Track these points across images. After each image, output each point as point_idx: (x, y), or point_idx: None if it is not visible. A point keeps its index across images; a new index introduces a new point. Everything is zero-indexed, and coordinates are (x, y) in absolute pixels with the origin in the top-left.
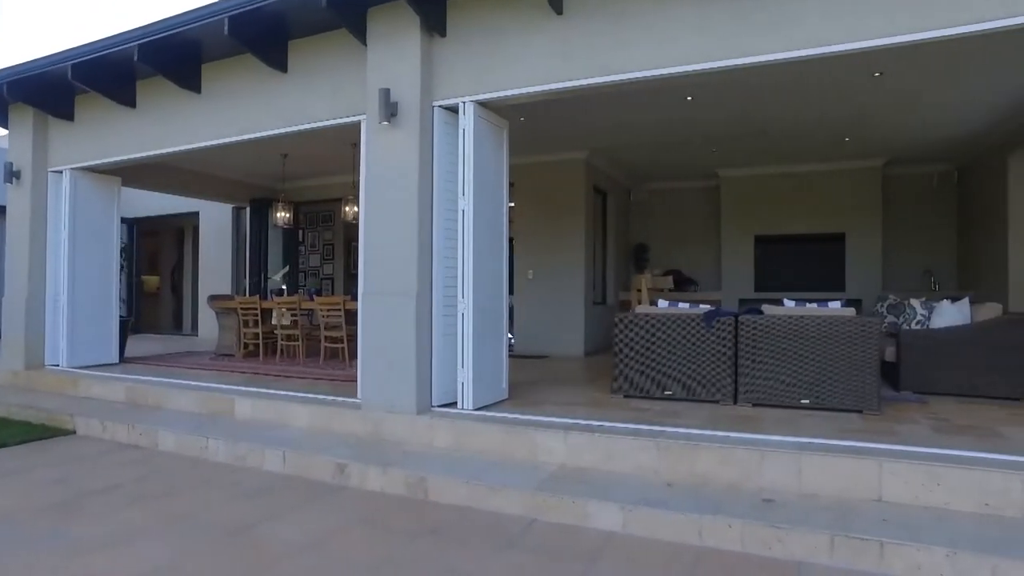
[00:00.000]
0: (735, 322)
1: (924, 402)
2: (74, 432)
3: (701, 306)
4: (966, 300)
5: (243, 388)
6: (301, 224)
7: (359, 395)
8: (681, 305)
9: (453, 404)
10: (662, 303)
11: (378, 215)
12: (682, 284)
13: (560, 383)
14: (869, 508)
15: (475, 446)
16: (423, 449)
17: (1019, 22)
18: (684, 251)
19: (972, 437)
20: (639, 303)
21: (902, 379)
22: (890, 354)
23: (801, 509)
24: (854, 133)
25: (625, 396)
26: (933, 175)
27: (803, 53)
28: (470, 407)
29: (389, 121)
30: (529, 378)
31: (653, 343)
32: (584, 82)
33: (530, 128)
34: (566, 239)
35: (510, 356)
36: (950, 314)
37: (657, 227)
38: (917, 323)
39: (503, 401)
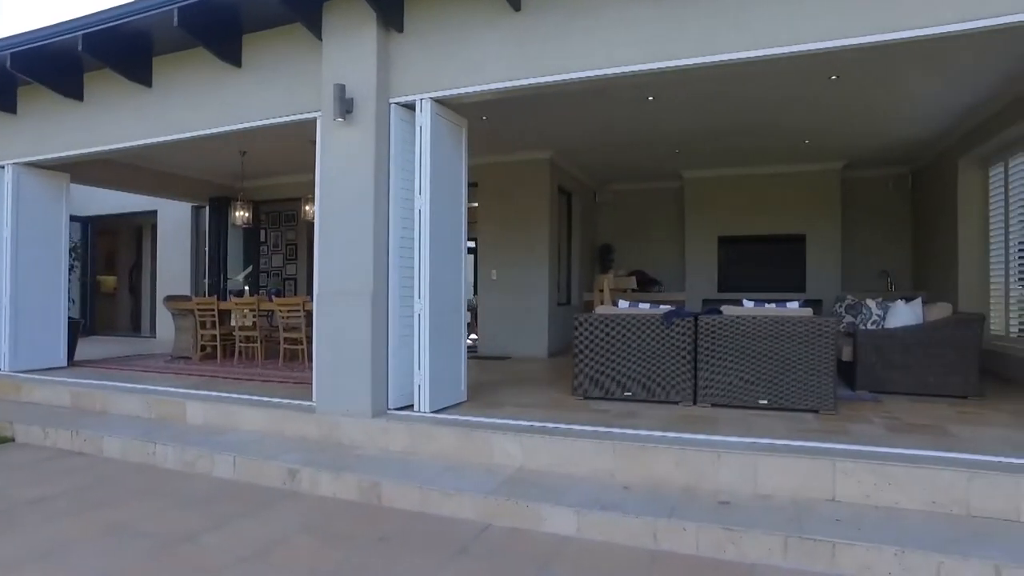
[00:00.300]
0: (694, 323)
1: (879, 401)
2: (13, 440)
3: (661, 307)
4: (919, 300)
5: (195, 392)
6: (263, 223)
7: (314, 398)
8: (642, 306)
9: (410, 407)
10: (623, 303)
11: (333, 213)
12: (646, 284)
13: (522, 384)
14: (823, 508)
15: (431, 449)
16: (378, 453)
17: (968, 27)
18: (649, 252)
19: (923, 436)
20: (601, 303)
21: (858, 378)
22: (847, 354)
23: (756, 510)
24: (813, 136)
25: (585, 397)
26: (889, 178)
27: (760, 53)
28: (427, 410)
29: (344, 118)
30: (491, 379)
31: (613, 344)
32: (543, 80)
33: (493, 127)
34: (530, 240)
35: (473, 357)
36: (904, 314)
37: (622, 228)
38: (873, 323)
39: (462, 403)
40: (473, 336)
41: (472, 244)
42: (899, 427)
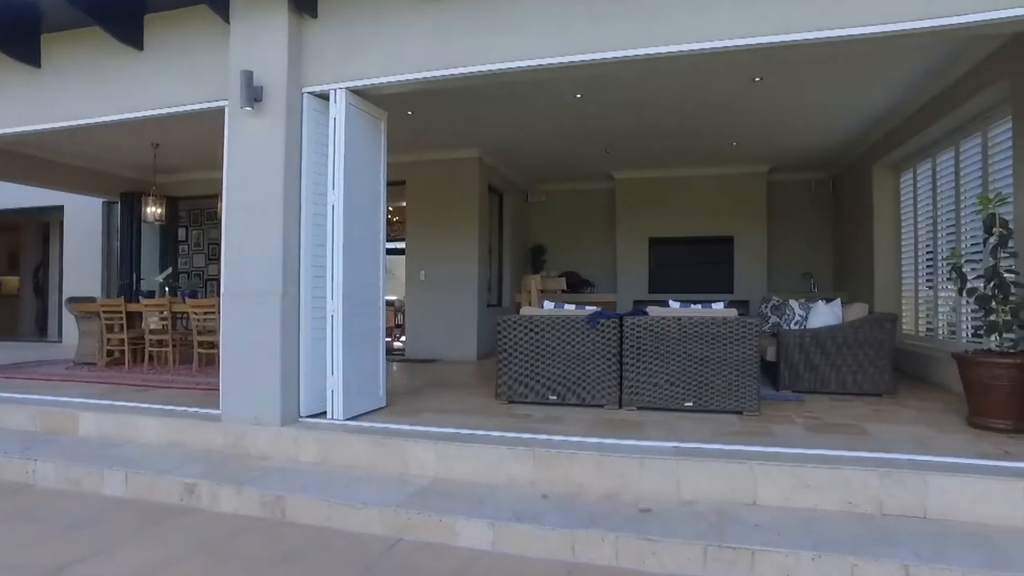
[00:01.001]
0: (619, 324)
1: (801, 401)
2: None
3: (587, 308)
4: (838, 300)
5: (91, 401)
6: (183, 221)
7: (220, 406)
8: (567, 307)
9: (323, 414)
10: (548, 304)
11: (241, 208)
12: (578, 285)
13: (446, 388)
14: (744, 513)
15: (343, 459)
16: (287, 464)
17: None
18: (581, 253)
19: (841, 436)
20: (529, 304)
21: (781, 378)
22: (771, 354)
23: (678, 518)
24: (740, 138)
25: (509, 401)
26: (811, 182)
27: (677, 49)
28: (340, 417)
29: (252, 107)
30: (414, 384)
31: (538, 346)
32: (464, 71)
33: (420, 123)
34: (460, 239)
35: (401, 360)
36: (824, 314)
37: (555, 228)
38: (796, 323)
39: (380, 409)
40: (402, 339)
41: (401, 244)
42: (819, 427)
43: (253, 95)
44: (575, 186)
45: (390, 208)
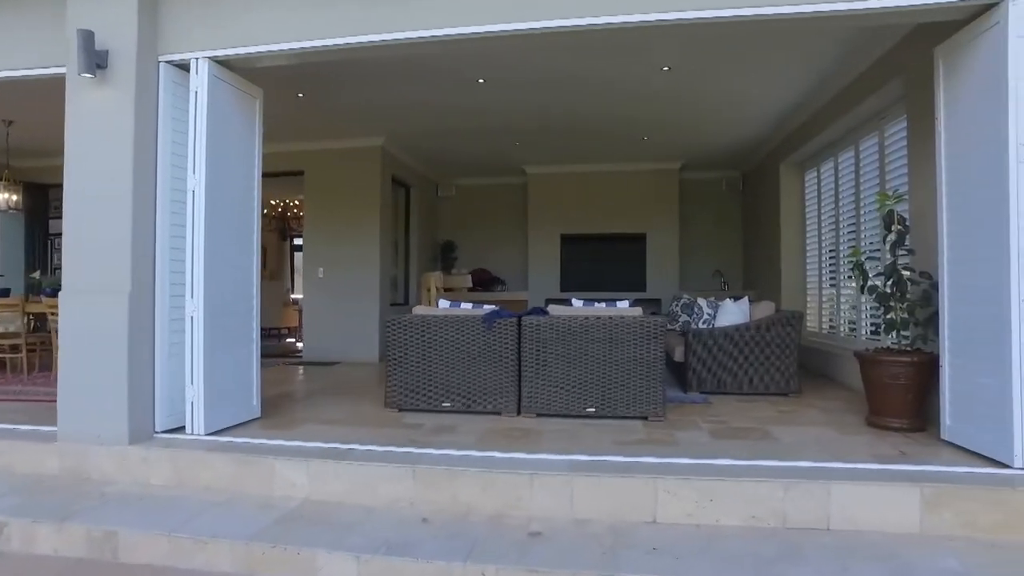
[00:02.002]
0: (517, 324)
1: (708, 403)
2: None
3: (485, 307)
4: (746, 299)
5: None
6: (54, 212)
7: (58, 422)
8: (464, 305)
9: (183, 428)
10: (443, 303)
11: (82, 192)
12: (489, 284)
13: (336, 395)
14: (642, 534)
15: (201, 481)
16: (134, 490)
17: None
18: (493, 250)
19: (746, 441)
20: (429, 303)
21: (689, 380)
22: (679, 354)
23: (570, 541)
24: (652, 133)
25: (400, 410)
26: (723, 180)
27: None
28: (202, 431)
29: (94, 74)
30: (302, 390)
31: (431, 349)
32: (344, 41)
33: (316, 108)
34: (360, 234)
35: (297, 363)
36: (732, 313)
37: (466, 224)
38: (704, 322)
39: (253, 421)
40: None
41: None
42: (724, 432)
43: (95, 60)
44: (487, 181)
45: (295, 201)
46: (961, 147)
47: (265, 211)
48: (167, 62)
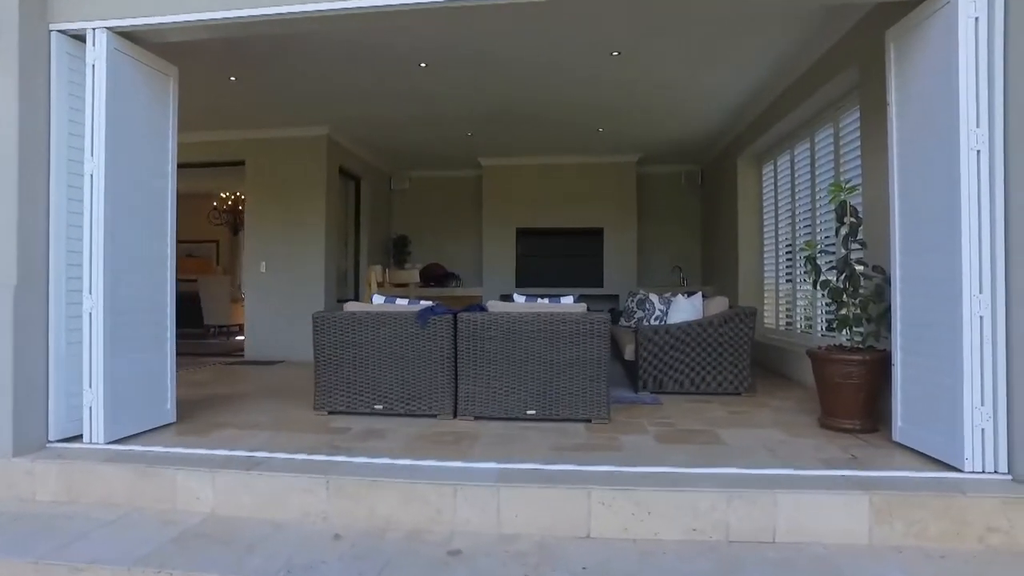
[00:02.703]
0: (453, 321)
1: (658, 403)
2: None
3: (422, 303)
4: (699, 294)
5: None
6: None
7: None
8: (399, 301)
9: (82, 437)
10: (377, 299)
11: None
12: (444, 279)
13: (267, 397)
14: (573, 551)
15: (96, 496)
16: (15, 508)
17: None
18: (448, 244)
19: (693, 445)
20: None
21: (639, 379)
22: (630, 352)
23: (491, 561)
24: (607, 124)
25: (330, 412)
26: (681, 174)
27: None
28: (101, 440)
29: None
30: (234, 392)
31: (363, 347)
32: (262, 12)
33: (254, 94)
34: (305, 228)
35: (239, 363)
36: (684, 309)
37: (421, 218)
38: (656, 319)
39: (166, 427)
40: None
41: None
42: (671, 436)
43: None
44: (442, 173)
45: (235, 194)
46: (913, 134)
47: (215, 204)
48: (60, 31)
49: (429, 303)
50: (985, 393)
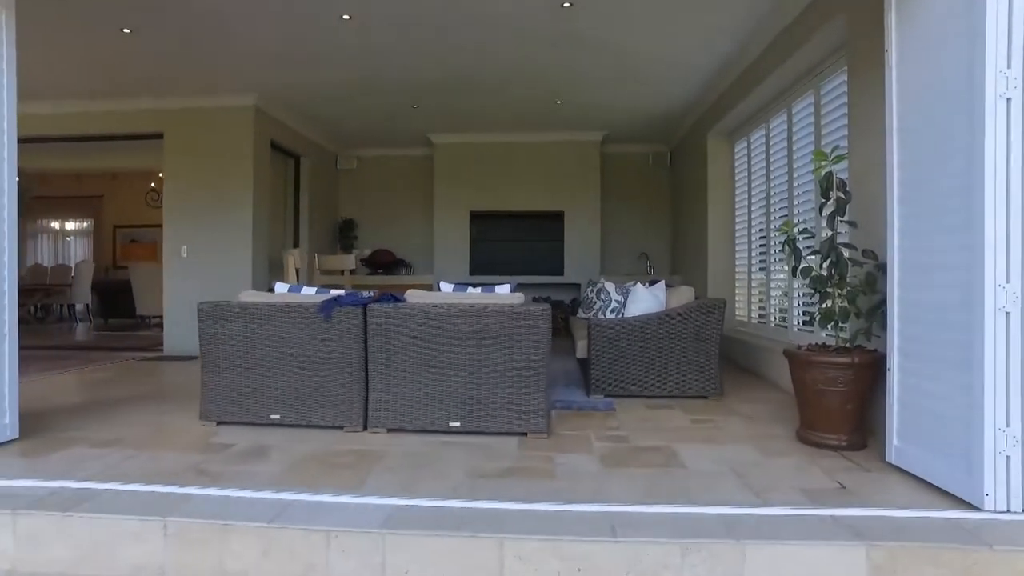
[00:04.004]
0: (363, 313)
1: (612, 409)
2: None
3: (332, 291)
4: (661, 284)
5: None
6: None
7: None
8: (306, 290)
9: None
10: (280, 287)
11: None
12: (392, 266)
13: (160, 401)
14: None
15: None
16: None
17: None
18: (399, 229)
19: (645, 471)
20: None
21: (592, 380)
22: (582, 349)
23: None
24: (565, 95)
25: (218, 423)
26: (649, 155)
27: None
28: None
29: None
30: (124, 394)
31: (258, 345)
32: None
33: (162, 54)
34: (231, 209)
35: (157, 359)
36: (644, 300)
37: (369, 200)
38: (612, 311)
39: (5, 444)
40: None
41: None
42: (620, 455)
43: None
44: (392, 152)
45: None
46: (919, 85)
47: (153, 185)
48: None
49: (342, 292)
50: (1012, 410)
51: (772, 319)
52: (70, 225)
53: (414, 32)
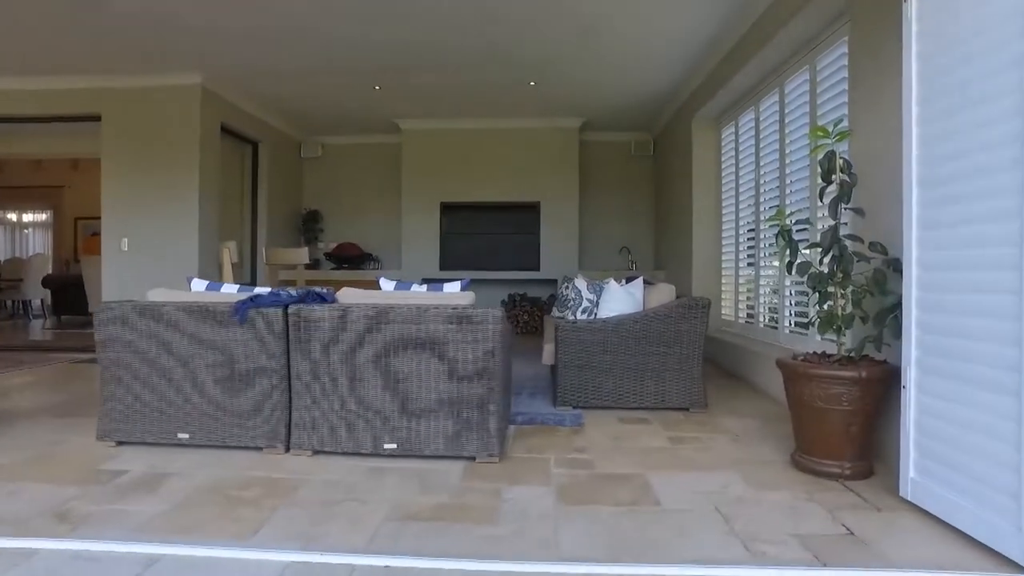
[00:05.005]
0: (284, 317)
1: (580, 425)
2: None
3: (257, 290)
4: (639, 281)
5: None
6: None
7: None
8: (226, 288)
9: None
10: (197, 284)
11: None
12: (359, 261)
13: (68, 414)
14: None
15: None
16: None
17: None
18: (367, 220)
19: (611, 510)
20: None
21: (560, 390)
22: (548, 355)
23: None
24: (539, 75)
25: (118, 443)
26: (631, 143)
27: None
28: None
29: None
30: (33, 404)
31: (165, 352)
32: None
33: (110, 30)
34: (175, 198)
35: (95, 360)
36: (619, 299)
37: (336, 191)
38: (584, 311)
39: None
40: None
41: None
42: (583, 488)
43: None
44: (359, 139)
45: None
46: (947, 39)
47: None
48: None
49: (268, 290)
50: None
51: (761, 319)
52: (28, 217)
53: (369, 3)
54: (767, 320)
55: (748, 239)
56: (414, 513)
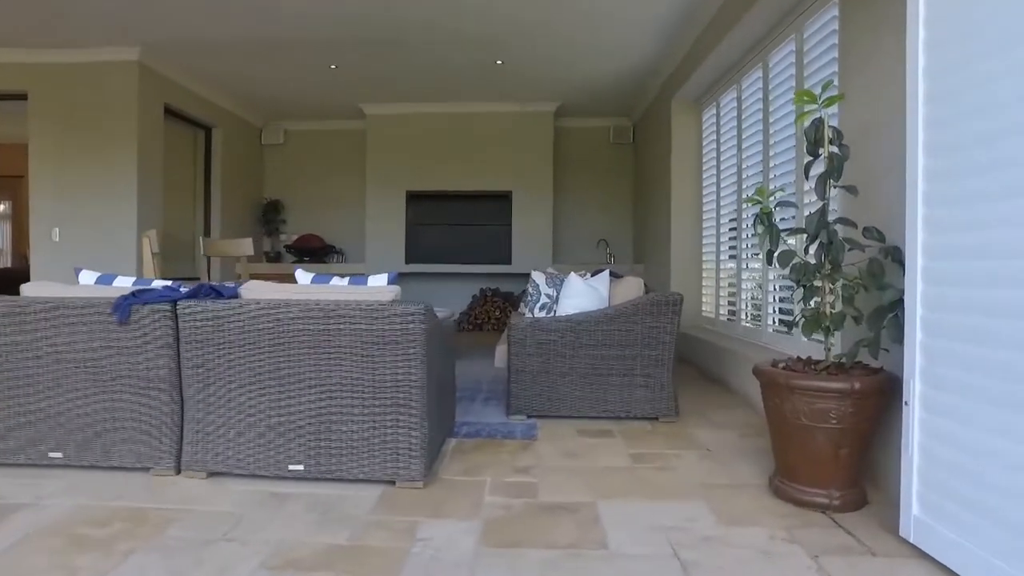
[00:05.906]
0: (173, 315)
1: (532, 438)
2: None
3: (157, 283)
4: (605, 274)
5: None
6: None
7: None
8: (120, 280)
9: None
10: (85, 276)
11: None
12: (321, 254)
13: None
14: None
15: None
16: None
17: None
18: (331, 211)
19: (546, 554)
20: (154, 275)
21: (512, 397)
22: (501, 357)
23: None
24: (507, 54)
25: None
26: (610, 129)
27: None
28: None
29: None
30: None
31: (35, 356)
32: None
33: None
34: (113, 185)
35: None
36: (580, 294)
37: (299, 180)
38: (542, 308)
39: None
40: None
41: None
42: (517, 523)
43: None
44: (322, 125)
45: None
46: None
47: None
48: None
49: (176, 284)
50: None
51: (743, 316)
52: None
53: None
54: (750, 317)
55: (730, 229)
56: (295, 560)
